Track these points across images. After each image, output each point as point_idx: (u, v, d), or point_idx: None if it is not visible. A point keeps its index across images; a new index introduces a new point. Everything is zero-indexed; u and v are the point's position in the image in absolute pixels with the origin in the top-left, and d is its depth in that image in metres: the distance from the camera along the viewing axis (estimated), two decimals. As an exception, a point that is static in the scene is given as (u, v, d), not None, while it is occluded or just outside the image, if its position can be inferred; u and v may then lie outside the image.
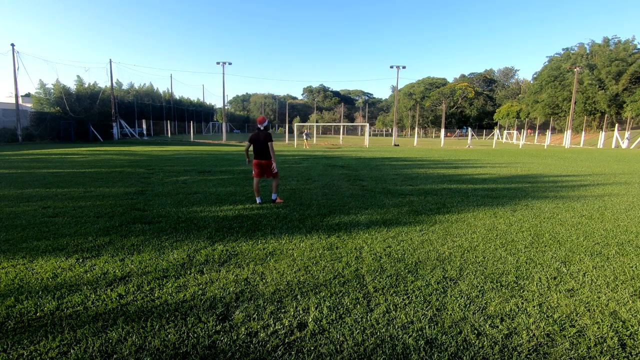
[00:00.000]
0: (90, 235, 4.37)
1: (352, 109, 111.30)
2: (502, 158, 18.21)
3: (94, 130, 30.91)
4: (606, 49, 43.64)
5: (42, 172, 10.09)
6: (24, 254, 3.71)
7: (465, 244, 4.30)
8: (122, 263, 3.52)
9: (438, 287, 3.12)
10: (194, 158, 15.60)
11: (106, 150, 19.45)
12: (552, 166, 14.05)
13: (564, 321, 2.59)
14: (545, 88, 49.17)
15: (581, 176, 11.03)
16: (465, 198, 7.08)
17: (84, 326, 2.42)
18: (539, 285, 3.18)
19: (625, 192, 8.04)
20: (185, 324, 2.48)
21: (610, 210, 6.15)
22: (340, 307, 2.74)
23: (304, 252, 3.89)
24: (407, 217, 5.50)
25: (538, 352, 2.24)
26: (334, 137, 50.62)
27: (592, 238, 4.60)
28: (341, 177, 9.94)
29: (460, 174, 11.11)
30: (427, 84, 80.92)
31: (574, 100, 37.81)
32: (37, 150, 18.73)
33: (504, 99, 72.53)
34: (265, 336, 2.36)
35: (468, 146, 31.95)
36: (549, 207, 6.37)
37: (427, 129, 75.44)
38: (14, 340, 2.26)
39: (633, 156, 20.87)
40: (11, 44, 27.02)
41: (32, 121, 28.90)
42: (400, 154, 20.92)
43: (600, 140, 36.05)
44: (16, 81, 27.09)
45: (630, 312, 2.73)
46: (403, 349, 2.25)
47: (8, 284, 3.03)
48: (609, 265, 3.67)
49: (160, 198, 6.63)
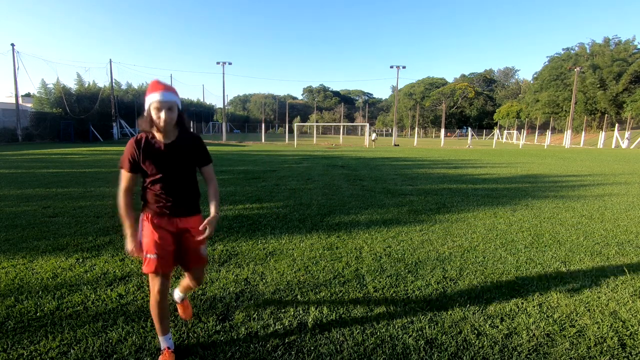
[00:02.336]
0: (90, 235, 4.37)
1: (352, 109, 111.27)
2: (502, 158, 18.21)
3: (94, 130, 30.91)
4: (607, 49, 43.63)
5: (42, 172, 10.09)
6: (24, 254, 3.71)
7: (465, 244, 4.30)
8: (122, 263, 3.52)
9: (438, 287, 3.12)
10: (194, 158, 15.57)
11: (106, 150, 19.45)
12: (552, 166, 14.04)
13: (564, 321, 2.59)
14: (545, 88, 49.16)
15: (581, 176, 11.03)
16: (465, 198, 7.07)
17: (84, 326, 2.42)
18: (539, 285, 3.18)
19: (625, 192, 8.04)
20: (185, 324, 2.48)
21: (610, 210, 6.15)
22: (340, 307, 2.74)
23: (304, 252, 3.89)
24: (407, 217, 5.50)
25: (538, 352, 2.24)
26: (334, 137, 50.61)
27: (592, 238, 4.60)
28: (341, 177, 9.94)
29: (460, 174, 11.11)
30: (427, 84, 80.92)
31: (574, 100, 37.81)
32: (37, 150, 18.73)
33: (504, 99, 72.52)
34: (265, 336, 2.36)
35: (468, 146, 31.95)
36: (549, 207, 6.37)
37: (427, 129, 75.44)
38: (14, 340, 2.26)
39: (633, 156, 20.87)
40: (11, 44, 27.03)
41: (32, 121, 28.87)
42: (400, 154, 20.92)
43: (600, 140, 36.04)
44: (16, 81, 27.11)
45: (630, 312, 2.73)
46: (403, 349, 2.25)
47: (8, 284, 3.03)
48: (609, 265, 3.67)
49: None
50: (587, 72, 41.86)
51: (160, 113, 1.88)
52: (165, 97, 1.88)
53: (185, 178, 2.07)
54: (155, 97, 1.88)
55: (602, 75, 41.28)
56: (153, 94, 1.89)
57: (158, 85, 1.91)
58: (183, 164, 2.04)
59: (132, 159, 1.99)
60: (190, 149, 2.06)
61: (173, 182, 2.04)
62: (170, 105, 1.90)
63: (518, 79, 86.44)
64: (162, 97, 1.87)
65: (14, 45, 27.04)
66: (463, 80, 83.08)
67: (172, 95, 1.91)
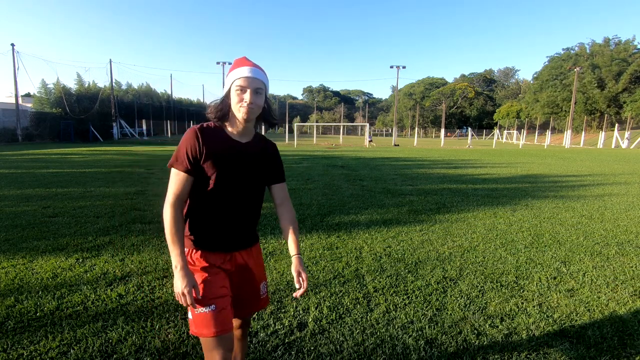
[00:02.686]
0: (90, 235, 4.37)
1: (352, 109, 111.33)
2: (502, 158, 18.21)
3: (94, 130, 30.90)
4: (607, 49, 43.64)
5: (42, 172, 10.09)
6: (24, 254, 3.71)
7: (465, 244, 4.30)
8: (122, 263, 3.52)
9: (438, 287, 3.12)
10: (194, 158, 15.57)
11: (106, 150, 19.45)
12: (552, 166, 14.04)
13: (564, 321, 2.59)
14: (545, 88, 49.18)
15: (581, 176, 11.03)
16: (465, 198, 7.07)
17: (84, 326, 2.42)
18: (539, 285, 3.18)
19: (625, 192, 8.04)
20: (186, 324, 2.48)
21: (610, 210, 6.15)
22: (340, 307, 2.74)
23: (304, 252, 3.89)
24: (407, 217, 5.50)
25: (538, 352, 2.24)
26: (334, 137, 50.61)
27: (592, 238, 4.60)
28: (341, 177, 9.94)
29: (460, 174, 11.11)
30: (427, 84, 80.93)
31: (574, 100, 37.81)
32: (37, 150, 18.72)
33: (504, 99, 72.55)
34: (265, 336, 2.36)
35: (468, 146, 31.95)
36: (549, 207, 6.37)
37: (427, 129, 75.45)
38: (14, 340, 2.26)
39: (633, 156, 20.87)
40: (11, 44, 27.03)
41: (32, 121, 28.87)
42: (400, 154, 20.92)
43: (600, 140, 36.05)
44: (16, 81, 27.10)
45: (630, 312, 2.73)
46: (403, 349, 2.25)
47: (8, 284, 3.03)
48: (609, 265, 3.67)
49: (160, 198, 6.61)
50: (587, 72, 41.88)
51: (245, 94, 1.38)
52: (255, 73, 1.40)
53: (256, 196, 1.55)
54: (240, 72, 1.39)
55: (601, 75, 41.30)
56: (238, 69, 1.41)
57: (246, 61, 1.44)
58: (258, 175, 1.53)
59: (193, 154, 1.40)
60: (266, 158, 1.56)
61: (241, 200, 1.49)
62: (259, 87, 1.40)
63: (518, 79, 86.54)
64: (251, 72, 1.39)
65: (13, 45, 27.07)
66: (463, 80, 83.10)
67: (262, 75, 1.43)
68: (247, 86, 1.38)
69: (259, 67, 1.45)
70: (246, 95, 1.38)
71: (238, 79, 1.39)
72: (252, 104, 1.38)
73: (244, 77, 1.39)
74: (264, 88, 1.43)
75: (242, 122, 1.43)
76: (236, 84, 1.39)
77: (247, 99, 1.38)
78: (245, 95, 1.38)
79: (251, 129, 1.51)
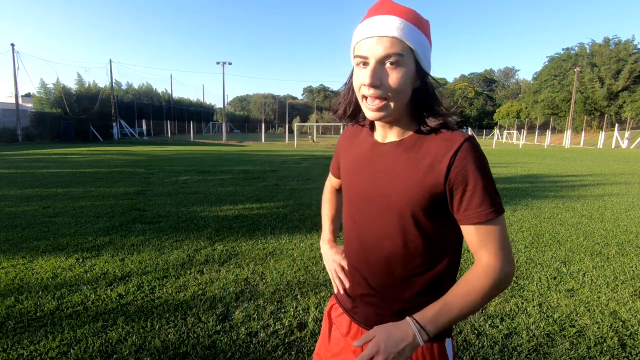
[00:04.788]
0: (90, 235, 4.37)
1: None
2: (502, 158, 18.21)
3: (94, 130, 30.90)
4: (606, 49, 43.64)
5: (42, 172, 10.09)
6: (24, 254, 3.71)
7: (465, 243, 4.29)
8: (122, 263, 3.52)
9: (438, 287, 3.11)
10: (194, 158, 15.60)
11: (106, 150, 19.45)
12: (552, 166, 14.05)
13: (564, 321, 2.59)
14: (545, 88, 49.18)
15: (581, 176, 11.03)
16: (465, 198, 7.07)
17: (84, 326, 2.42)
18: (539, 285, 3.18)
19: (625, 192, 8.04)
20: (185, 324, 2.48)
21: (610, 210, 6.15)
22: (340, 307, 2.74)
23: (304, 252, 3.89)
24: (407, 217, 5.49)
25: (538, 352, 2.24)
26: (334, 137, 50.60)
27: (592, 238, 4.60)
28: (341, 177, 9.92)
29: (460, 174, 11.09)
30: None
31: (574, 100, 37.82)
32: (37, 150, 18.72)
33: (504, 99, 72.54)
34: (265, 336, 2.36)
35: (468, 146, 31.86)
36: (549, 207, 6.37)
37: (427, 128, 75.33)
38: (14, 340, 2.26)
39: (633, 156, 20.87)
40: (11, 44, 27.02)
41: (32, 121, 28.87)
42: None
43: (600, 140, 36.04)
44: (16, 81, 27.10)
45: (630, 312, 2.73)
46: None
47: (8, 284, 3.03)
48: (609, 265, 3.67)
49: (160, 198, 6.63)
50: (586, 70, 41.89)
51: (366, 69, 0.79)
52: (384, 26, 0.76)
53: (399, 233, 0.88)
54: (362, 31, 0.80)
55: (599, 73, 41.32)
56: (360, 25, 0.81)
57: (380, 6, 0.80)
58: (394, 199, 0.85)
59: (336, 157, 1.12)
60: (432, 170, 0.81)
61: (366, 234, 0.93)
62: (390, 53, 0.76)
63: (518, 79, 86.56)
64: (377, 26, 0.77)
65: (13, 45, 27.07)
66: (463, 80, 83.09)
67: (399, 26, 0.76)
68: (369, 54, 0.78)
69: (402, 13, 0.78)
70: (367, 71, 0.78)
71: (357, 44, 0.81)
72: (375, 86, 0.78)
73: (365, 37, 0.79)
74: (406, 51, 0.77)
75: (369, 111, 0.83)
76: (355, 53, 0.82)
77: (368, 77, 0.78)
78: (365, 70, 0.79)
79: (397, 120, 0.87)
